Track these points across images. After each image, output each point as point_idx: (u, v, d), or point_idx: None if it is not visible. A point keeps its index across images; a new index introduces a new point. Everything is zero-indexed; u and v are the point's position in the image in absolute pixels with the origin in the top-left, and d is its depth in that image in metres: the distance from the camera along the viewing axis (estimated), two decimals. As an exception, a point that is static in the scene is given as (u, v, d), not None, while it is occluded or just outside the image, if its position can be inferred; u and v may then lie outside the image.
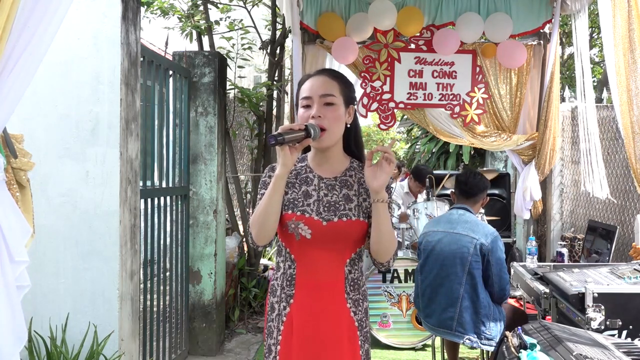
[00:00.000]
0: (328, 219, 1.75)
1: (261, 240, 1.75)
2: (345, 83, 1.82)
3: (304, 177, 1.82)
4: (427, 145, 9.61)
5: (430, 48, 4.88)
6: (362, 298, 1.83)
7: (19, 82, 1.46)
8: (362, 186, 1.80)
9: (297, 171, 1.84)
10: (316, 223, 1.75)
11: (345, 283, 1.78)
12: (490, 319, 3.00)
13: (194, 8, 5.52)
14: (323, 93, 1.74)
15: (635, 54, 3.08)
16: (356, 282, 1.81)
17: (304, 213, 1.76)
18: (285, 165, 1.65)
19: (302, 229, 1.75)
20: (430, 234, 3.22)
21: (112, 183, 2.60)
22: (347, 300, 1.78)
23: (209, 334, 4.23)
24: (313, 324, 1.74)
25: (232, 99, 5.52)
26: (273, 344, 1.81)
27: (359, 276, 1.83)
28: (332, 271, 1.76)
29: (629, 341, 2.19)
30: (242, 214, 5.35)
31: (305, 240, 1.76)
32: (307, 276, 1.77)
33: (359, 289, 1.82)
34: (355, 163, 1.86)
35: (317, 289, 1.76)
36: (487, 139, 4.98)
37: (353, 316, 1.79)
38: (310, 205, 1.77)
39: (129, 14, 2.69)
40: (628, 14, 3.12)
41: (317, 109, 1.73)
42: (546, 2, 4.87)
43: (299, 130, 1.64)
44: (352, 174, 1.83)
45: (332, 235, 1.75)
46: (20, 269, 1.56)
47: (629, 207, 4.37)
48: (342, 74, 1.88)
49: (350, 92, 1.83)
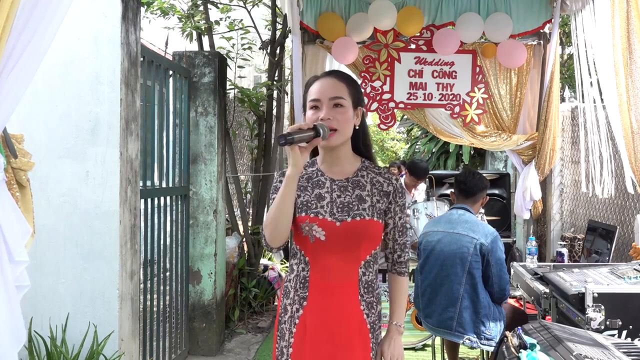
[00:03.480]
0: (342, 219, 1.75)
1: (275, 242, 1.75)
2: (354, 85, 1.82)
3: (315, 180, 1.83)
4: (427, 145, 9.61)
5: (430, 48, 4.88)
6: (375, 301, 1.83)
7: (19, 82, 1.46)
8: (374, 187, 1.81)
9: (308, 175, 1.85)
10: (330, 224, 1.75)
11: (359, 285, 1.78)
12: (490, 319, 3.00)
13: (194, 8, 5.52)
14: (332, 95, 1.74)
15: (635, 54, 3.08)
16: (370, 284, 1.81)
17: (317, 215, 1.76)
18: (296, 165, 1.65)
19: (316, 231, 1.76)
20: (430, 234, 3.22)
21: (112, 183, 2.60)
22: (361, 302, 1.79)
23: (209, 334, 4.23)
24: (326, 326, 1.75)
25: (232, 99, 5.52)
26: (285, 347, 1.81)
27: (373, 279, 1.83)
28: (346, 273, 1.77)
29: (629, 341, 2.19)
30: (242, 214, 5.35)
31: (320, 242, 1.76)
32: (321, 278, 1.78)
33: (372, 291, 1.82)
34: (366, 163, 1.86)
35: (330, 291, 1.76)
36: (487, 139, 4.98)
37: (366, 318, 1.79)
38: (324, 207, 1.77)
39: (129, 14, 2.69)
40: (627, 14, 3.12)
41: (326, 111, 1.73)
42: (546, 2, 4.87)
43: (307, 130, 1.64)
44: (364, 174, 1.83)
45: (346, 235, 1.75)
46: (20, 269, 1.57)
47: (629, 207, 4.37)
48: (351, 76, 1.87)
49: (358, 94, 1.83)
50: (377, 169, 1.85)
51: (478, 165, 8.73)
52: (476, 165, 8.73)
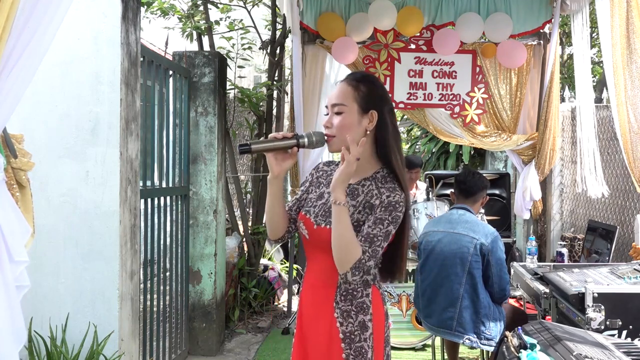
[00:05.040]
0: (319, 223, 1.74)
1: (272, 235, 1.87)
2: (366, 88, 1.74)
3: (328, 180, 1.82)
4: (427, 145, 9.61)
5: (430, 48, 4.88)
6: (355, 310, 1.71)
7: (19, 82, 1.46)
8: (365, 197, 1.71)
9: (328, 173, 1.86)
10: (310, 225, 1.77)
11: (336, 291, 1.73)
12: (490, 319, 3.00)
13: (194, 8, 5.52)
14: (334, 102, 1.75)
15: (634, 54, 3.08)
16: (351, 292, 1.72)
17: (306, 213, 1.80)
18: (271, 170, 1.74)
19: (302, 229, 1.81)
20: (430, 234, 3.22)
21: (112, 183, 2.60)
22: (335, 309, 1.72)
23: (209, 334, 4.23)
24: (305, 323, 1.80)
25: (232, 99, 5.52)
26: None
27: (356, 287, 1.72)
28: (326, 275, 1.74)
29: (629, 341, 2.19)
30: (242, 214, 5.34)
31: (306, 241, 1.82)
32: (309, 275, 1.83)
33: (352, 299, 1.71)
34: (382, 172, 1.76)
35: (313, 290, 1.80)
36: (487, 139, 4.98)
37: (339, 327, 1.71)
38: (315, 207, 1.79)
39: (129, 14, 2.69)
40: (627, 13, 3.12)
41: (329, 118, 1.76)
42: (546, 2, 4.87)
43: (283, 139, 1.68)
44: (367, 184, 1.74)
45: (319, 240, 1.74)
46: (20, 269, 1.57)
47: (629, 207, 4.37)
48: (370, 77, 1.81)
49: (372, 97, 1.73)
50: (383, 182, 1.72)
51: (478, 165, 8.72)
52: (476, 165, 8.73)
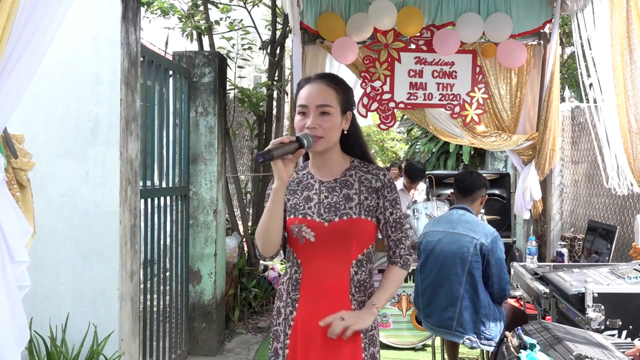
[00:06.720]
0: (329, 219, 1.76)
1: (267, 252, 1.79)
2: (344, 90, 1.80)
3: (305, 183, 1.84)
4: (427, 145, 9.61)
5: (430, 48, 4.87)
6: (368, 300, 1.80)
7: (19, 82, 1.46)
8: (362, 184, 1.80)
9: (299, 179, 1.85)
10: (318, 225, 1.76)
11: (350, 284, 1.77)
12: (490, 319, 3.00)
13: (194, 8, 5.53)
14: (319, 103, 1.73)
15: (634, 54, 3.08)
16: (362, 283, 1.80)
17: (305, 216, 1.78)
18: (280, 178, 1.66)
19: (305, 232, 1.77)
20: (430, 234, 3.22)
21: (112, 183, 2.60)
22: (352, 301, 1.77)
23: (209, 334, 4.23)
24: (316, 326, 1.74)
25: (232, 99, 5.52)
26: (280, 348, 1.82)
27: (366, 278, 1.81)
28: (337, 273, 1.77)
29: (629, 341, 2.19)
30: (242, 214, 5.35)
31: (310, 243, 1.78)
32: (312, 279, 1.79)
33: (365, 290, 1.80)
34: (356, 162, 1.85)
35: (321, 292, 1.77)
36: (487, 139, 4.98)
37: None
38: (312, 208, 1.78)
39: (129, 14, 2.69)
40: (627, 13, 3.12)
41: (312, 119, 1.72)
42: (546, 2, 4.87)
43: (290, 143, 1.64)
44: (352, 173, 1.82)
45: (335, 235, 1.75)
46: (21, 269, 1.57)
47: (629, 207, 4.37)
48: (342, 79, 1.85)
49: (348, 99, 1.81)
50: (365, 167, 1.83)
51: (478, 165, 8.73)
52: (476, 165, 8.74)
